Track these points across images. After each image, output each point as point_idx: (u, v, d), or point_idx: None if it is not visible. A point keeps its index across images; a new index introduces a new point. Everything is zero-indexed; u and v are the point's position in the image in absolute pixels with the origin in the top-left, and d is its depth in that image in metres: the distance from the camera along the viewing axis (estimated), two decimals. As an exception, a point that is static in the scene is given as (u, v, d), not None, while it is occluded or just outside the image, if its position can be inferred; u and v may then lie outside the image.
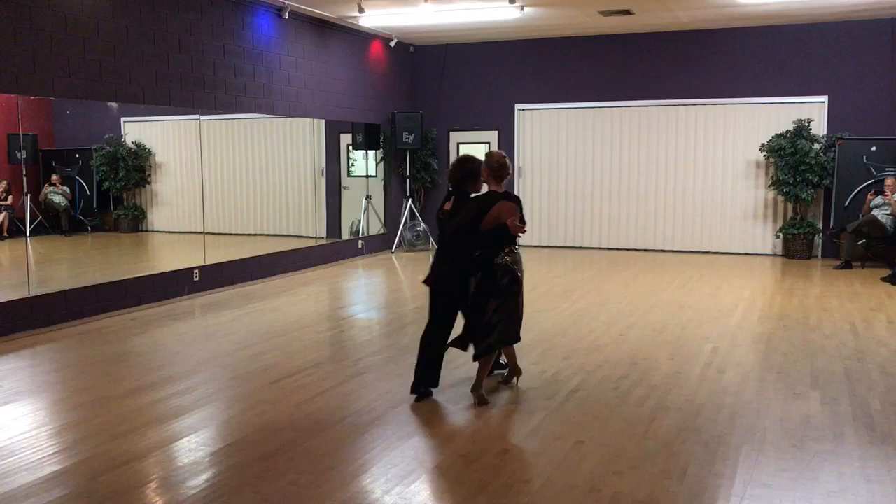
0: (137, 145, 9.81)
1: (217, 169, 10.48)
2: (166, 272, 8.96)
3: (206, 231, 9.80)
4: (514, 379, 5.59)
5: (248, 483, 3.93)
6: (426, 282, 5.40)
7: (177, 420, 4.86)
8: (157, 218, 10.21)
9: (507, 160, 5.27)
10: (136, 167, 9.82)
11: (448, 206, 5.33)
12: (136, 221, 10.02)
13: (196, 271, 9.23)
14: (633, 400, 5.23)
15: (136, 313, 8.13)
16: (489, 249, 5.13)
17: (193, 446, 4.43)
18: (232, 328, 7.49)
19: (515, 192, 13.46)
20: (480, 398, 5.12)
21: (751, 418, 4.83)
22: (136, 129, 9.81)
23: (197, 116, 9.50)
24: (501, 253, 5.15)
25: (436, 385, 5.32)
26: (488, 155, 5.27)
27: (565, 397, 5.28)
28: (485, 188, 5.32)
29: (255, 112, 10.21)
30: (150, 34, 8.46)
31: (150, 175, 10.02)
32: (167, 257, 10.20)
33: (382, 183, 13.25)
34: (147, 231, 10.16)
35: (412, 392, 5.30)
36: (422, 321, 7.71)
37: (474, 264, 5.16)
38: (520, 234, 5.15)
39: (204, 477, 4.01)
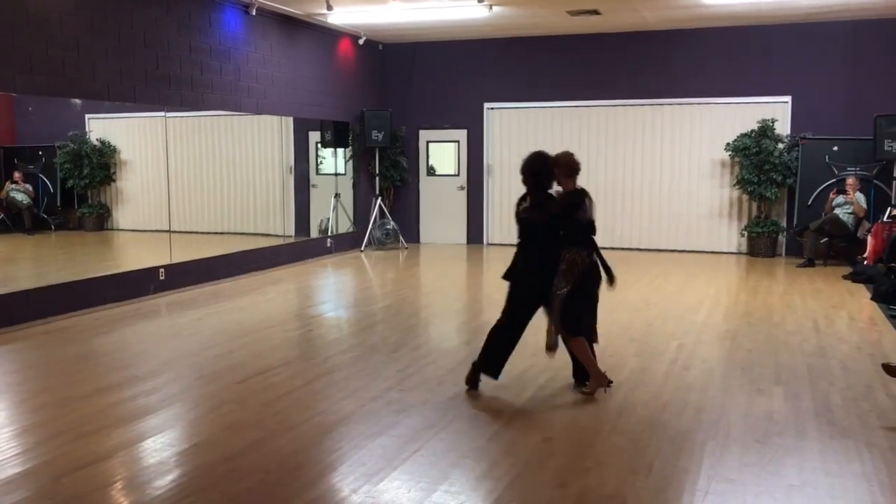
0: (102, 142, 9.68)
1: (184, 166, 10.37)
2: (132, 271, 8.85)
3: (172, 229, 9.70)
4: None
5: (214, 483, 3.90)
6: (508, 277, 5.45)
7: (142, 420, 4.81)
8: (123, 216, 10.09)
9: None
10: (101, 165, 9.70)
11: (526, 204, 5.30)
12: (100, 220, 9.89)
13: (162, 270, 9.13)
14: (600, 397, 5.27)
15: (100, 313, 8.03)
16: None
17: (159, 446, 4.39)
18: (198, 327, 7.43)
19: (484, 191, 13.51)
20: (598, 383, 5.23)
21: (715, 414, 4.90)
22: (100, 127, 9.69)
23: (163, 113, 9.40)
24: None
25: (497, 376, 5.33)
26: (561, 155, 5.31)
27: (533, 394, 5.32)
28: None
29: (222, 109, 10.12)
30: (114, 30, 8.35)
31: (115, 173, 9.90)
32: (133, 256, 10.08)
33: (351, 181, 13.22)
34: (112, 229, 10.04)
35: (468, 383, 5.36)
36: (391, 320, 7.73)
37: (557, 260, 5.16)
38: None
39: (170, 477, 3.97)
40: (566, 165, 5.26)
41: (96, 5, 8.14)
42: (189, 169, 10.62)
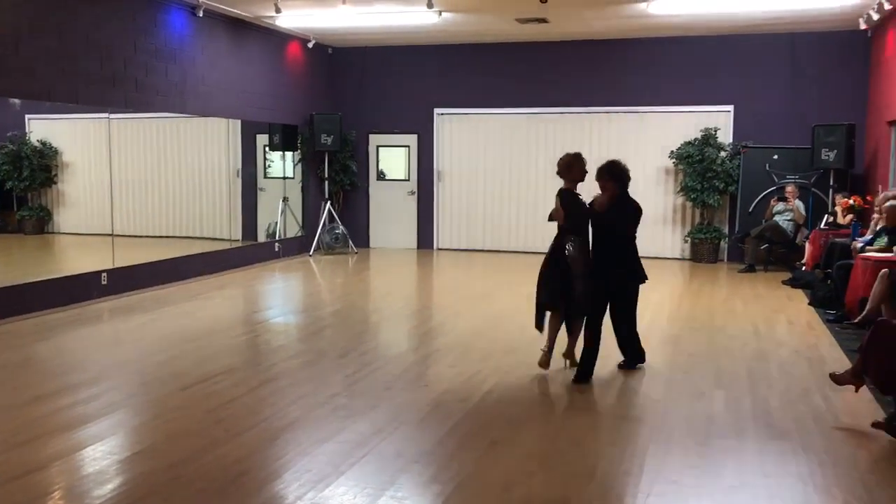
0: (43, 144, 9.45)
1: (128, 169, 10.16)
2: (73, 275, 8.65)
3: (115, 233, 9.51)
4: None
5: (156, 492, 3.83)
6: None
7: (82, 428, 4.70)
8: (64, 219, 9.86)
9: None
10: (42, 166, 9.47)
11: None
12: (41, 222, 9.65)
13: (104, 274, 8.94)
14: (547, 401, 5.34)
15: (39, 318, 7.82)
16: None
17: (99, 455, 4.30)
18: (142, 333, 7.30)
19: (435, 196, 13.54)
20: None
21: (659, 417, 4.99)
22: (41, 127, 9.46)
23: (107, 115, 9.22)
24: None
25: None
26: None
27: (481, 398, 5.34)
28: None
29: (167, 111, 9.96)
30: (56, 29, 8.16)
31: (56, 175, 9.67)
32: (74, 260, 9.84)
33: (300, 185, 13.12)
34: (53, 232, 9.80)
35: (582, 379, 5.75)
36: (339, 325, 7.69)
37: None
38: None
39: (110, 486, 3.89)
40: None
41: (37, 4, 7.95)
42: (134, 171, 10.42)
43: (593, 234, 5.91)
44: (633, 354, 6.16)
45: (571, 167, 5.91)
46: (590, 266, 5.88)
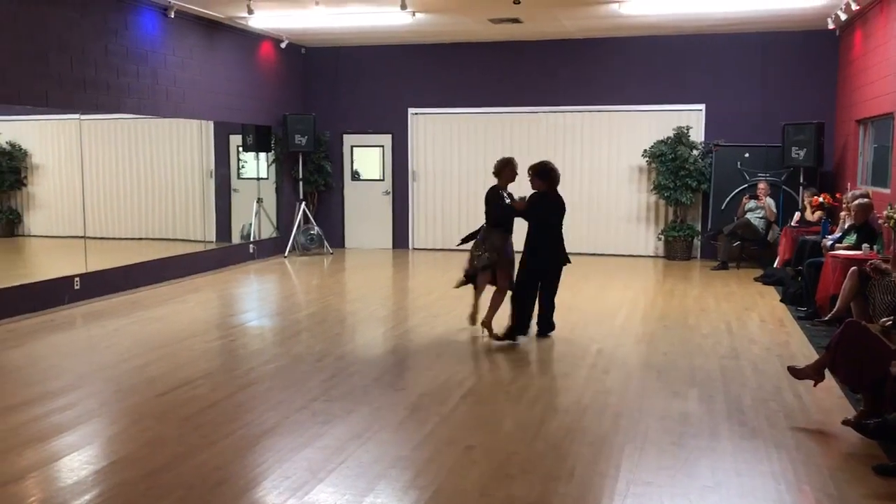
0: (12, 145, 9.32)
1: (99, 171, 10.06)
2: (44, 280, 8.55)
3: (87, 235, 9.42)
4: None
5: (134, 501, 3.82)
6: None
7: (57, 438, 4.66)
8: (35, 222, 9.73)
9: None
10: (11, 168, 9.34)
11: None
12: (10, 226, 9.52)
13: (77, 279, 8.85)
14: (523, 403, 5.37)
15: (10, 325, 7.73)
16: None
17: (76, 465, 4.27)
18: (116, 339, 7.24)
19: (410, 196, 13.55)
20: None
21: (633, 418, 5.05)
22: (9, 129, 9.33)
23: (77, 116, 9.12)
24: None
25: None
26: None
27: (458, 401, 5.37)
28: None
29: (138, 113, 9.88)
30: (25, 31, 8.06)
31: (26, 177, 9.54)
32: (45, 264, 9.73)
33: (274, 185, 13.07)
34: (23, 235, 9.67)
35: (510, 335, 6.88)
36: (315, 328, 7.68)
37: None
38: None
39: (87, 497, 3.87)
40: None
41: (6, 6, 7.84)
42: (105, 173, 10.31)
43: (528, 225, 6.92)
44: (549, 324, 7.15)
45: (502, 171, 7.06)
46: (510, 253, 7.09)
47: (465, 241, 7.42)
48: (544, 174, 6.91)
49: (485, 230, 7.06)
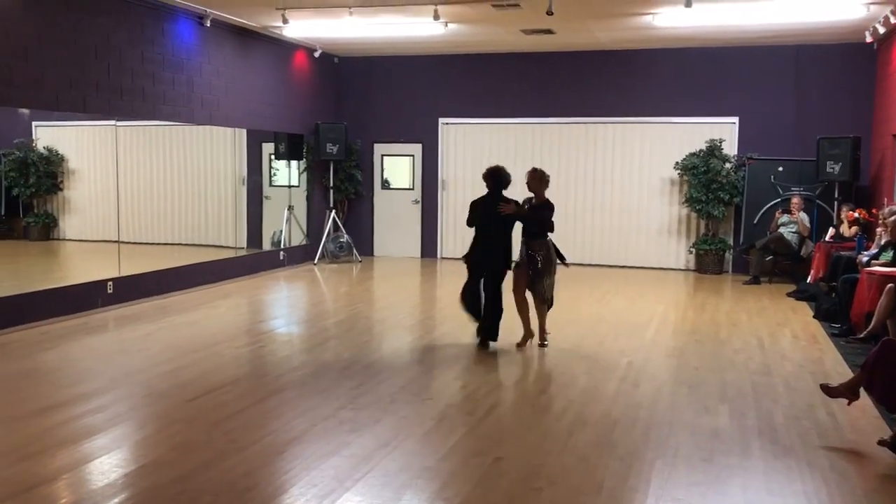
0: (49, 150, 9.48)
1: (134, 176, 10.20)
2: (79, 284, 8.67)
3: (121, 240, 9.54)
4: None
5: (163, 506, 3.85)
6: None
7: (88, 440, 4.72)
8: (70, 226, 9.88)
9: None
10: (48, 173, 9.49)
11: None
12: (46, 229, 9.67)
13: (110, 283, 8.97)
14: (551, 415, 5.34)
15: (45, 327, 7.85)
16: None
17: (106, 468, 4.31)
18: (147, 343, 7.32)
19: (439, 205, 13.56)
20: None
21: (663, 432, 4.99)
22: (48, 134, 9.49)
23: (113, 122, 9.26)
24: None
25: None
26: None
27: (485, 413, 5.35)
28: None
29: (174, 120, 10.00)
30: (64, 39, 8.21)
31: (62, 181, 9.69)
32: (80, 268, 9.87)
33: (305, 193, 13.15)
34: (59, 239, 9.82)
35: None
36: (343, 336, 7.70)
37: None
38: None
39: (116, 500, 3.90)
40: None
41: (46, 14, 7.99)
42: (139, 178, 10.45)
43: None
44: (490, 333, 7.22)
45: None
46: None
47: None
48: (489, 177, 7.42)
49: (542, 244, 7.27)
